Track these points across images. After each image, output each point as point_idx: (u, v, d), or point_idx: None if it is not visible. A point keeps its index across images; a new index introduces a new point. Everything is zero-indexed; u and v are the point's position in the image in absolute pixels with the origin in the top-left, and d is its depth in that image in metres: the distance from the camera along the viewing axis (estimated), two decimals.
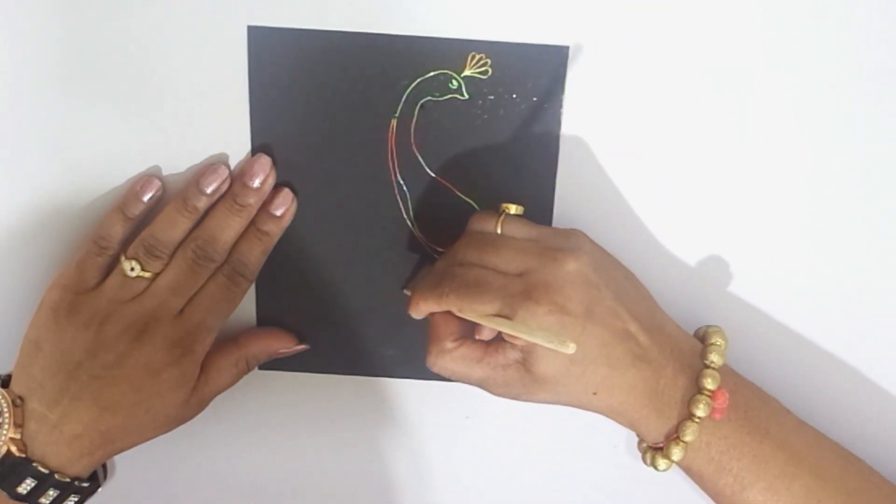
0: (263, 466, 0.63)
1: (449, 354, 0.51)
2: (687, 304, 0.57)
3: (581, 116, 0.54)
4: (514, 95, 0.54)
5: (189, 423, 0.56)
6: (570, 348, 0.45)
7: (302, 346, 0.58)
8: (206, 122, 0.54)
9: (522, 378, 0.50)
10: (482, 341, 0.51)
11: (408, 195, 0.56)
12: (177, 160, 0.55)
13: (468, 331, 0.52)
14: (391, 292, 0.58)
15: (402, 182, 0.56)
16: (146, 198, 0.54)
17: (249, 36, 0.53)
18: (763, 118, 0.53)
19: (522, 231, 0.51)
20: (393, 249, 0.57)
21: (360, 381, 0.60)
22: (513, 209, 0.52)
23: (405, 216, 0.56)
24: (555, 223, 0.56)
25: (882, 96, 0.53)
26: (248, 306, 0.58)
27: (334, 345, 0.59)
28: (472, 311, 0.49)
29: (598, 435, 0.61)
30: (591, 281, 0.49)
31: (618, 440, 0.61)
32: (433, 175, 0.55)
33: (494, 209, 0.53)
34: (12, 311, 0.57)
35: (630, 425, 0.52)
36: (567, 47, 0.53)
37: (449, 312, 0.50)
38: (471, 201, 0.56)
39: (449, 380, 0.52)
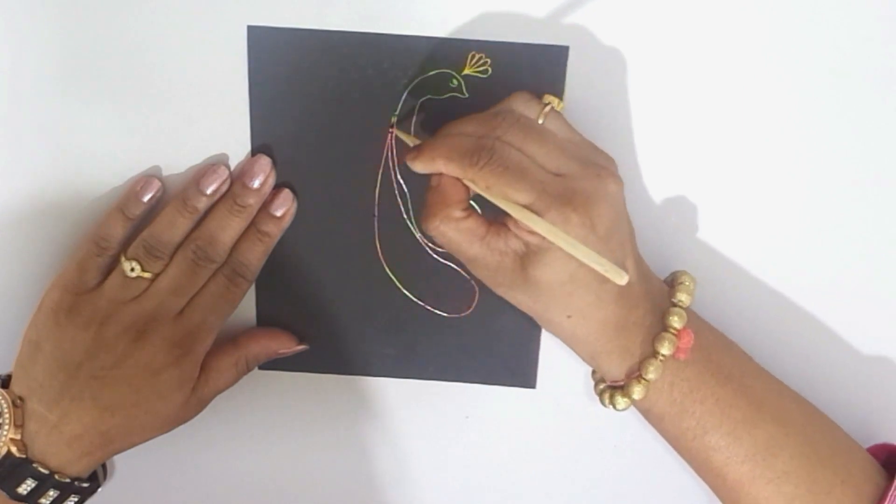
0: (263, 466, 0.63)
1: (455, 223, 0.48)
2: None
3: (581, 116, 0.53)
4: None
5: (189, 423, 0.56)
6: (624, 279, 0.44)
7: (302, 346, 0.58)
8: (206, 122, 0.54)
9: (514, 270, 0.48)
10: (487, 219, 0.49)
11: (408, 195, 0.56)
12: (177, 160, 0.55)
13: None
14: (391, 292, 0.58)
15: (402, 182, 0.56)
16: (146, 198, 0.54)
17: (249, 36, 0.53)
18: (763, 118, 0.53)
19: (564, 131, 0.49)
20: (393, 249, 0.57)
21: (359, 381, 0.60)
22: (557, 104, 0.49)
23: (405, 216, 0.56)
24: None
25: (880, 91, 0.53)
26: (248, 306, 0.58)
27: (334, 345, 0.59)
28: (503, 195, 0.46)
29: (598, 436, 0.61)
30: (620, 209, 0.48)
31: (618, 441, 0.61)
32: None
33: (538, 95, 0.50)
34: (12, 311, 0.57)
35: (591, 358, 0.51)
36: (567, 47, 0.52)
37: (457, 179, 0.48)
38: (471, 201, 0.55)
39: (438, 245, 0.50)
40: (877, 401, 0.59)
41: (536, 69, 0.53)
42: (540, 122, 0.49)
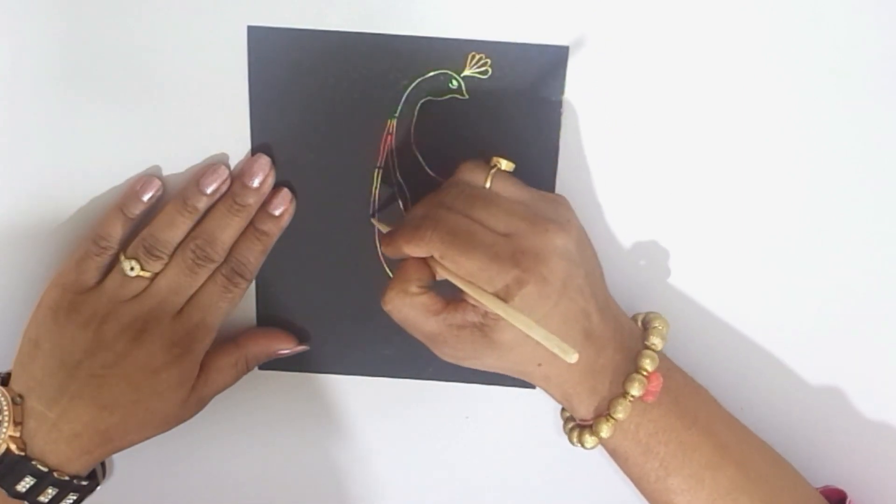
0: (263, 466, 0.63)
1: (409, 298, 0.49)
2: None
3: (581, 116, 0.54)
4: (514, 95, 0.53)
5: (189, 422, 0.56)
6: (573, 357, 0.45)
7: (302, 347, 0.58)
8: (206, 122, 0.54)
9: (475, 341, 0.49)
10: (444, 297, 0.50)
11: (407, 195, 0.56)
12: (177, 160, 0.55)
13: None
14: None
15: (402, 182, 0.56)
16: (146, 198, 0.54)
17: (249, 36, 0.53)
18: (762, 118, 0.53)
19: (512, 190, 0.50)
20: None
21: (360, 381, 0.60)
22: (504, 164, 0.51)
23: (405, 216, 0.56)
24: None
25: (875, 98, 0.53)
26: (248, 306, 0.58)
27: (334, 345, 0.59)
28: (453, 262, 0.47)
29: None
30: (573, 258, 0.49)
31: None
32: (433, 175, 0.55)
33: (486, 160, 0.51)
34: (12, 309, 0.57)
35: (562, 398, 0.52)
36: (567, 47, 0.53)
37: (422, 260, 0.49)
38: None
39: (400, 326, 0.51)
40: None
41: (536, 69, 0.53)
42: (487, 185, 0.50)
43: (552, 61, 0.53)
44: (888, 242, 0.55)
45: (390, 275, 0.57)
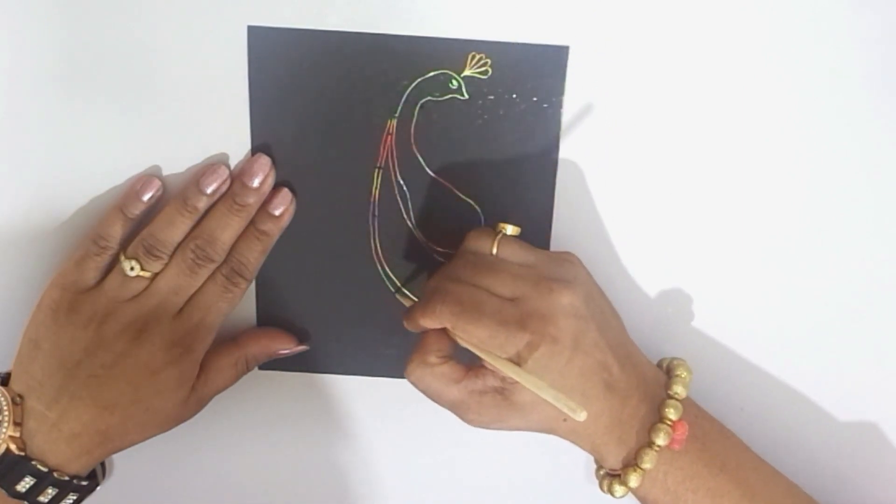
0: (263, 466, 0.63)
1: (430, 369, 0.51)
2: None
3: (581, 116, 0.54)
4: (514, 95, 0.53)
5: (189, 422, 0.56)
6: (581, 415, 0.46)
7: (302, 347, 0.58)
8: (206, 122, 0.54)
9: (498, 405, 0.51)
10: (464, 364, 0.52)
11: (408, 195, 0.56)
12: (177, 160, 0.55)
13: (457, 354, 0.52)
14: (391, 292, 0.58)
15: (402, 182, 0.56)
16: (146, 197, 0.54)
17: (249, 36, 0.53)
18: (762, 119, 0.53)
19: (518, 254, 0.52)
20: (393, 249, 0.57)
21: (360, 381, 0.60)
22: (509, 230, 0.52)
23: (405, 216, 0.56)
24: (554, 224, 0.56)
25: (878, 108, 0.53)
26: (248, 306, 0.58)
27: (334, 345, 0.59)
28: (464, 331, 0.49)
29: None
30: (581, 314, 0.50)
31: None
32: (433, 175, 0.55)
33: (492, 227, 0.53)
34: (12, 310, 0.57)
35: (591, 450, 0.53)
36: (567, 47, 0.53)
37: (443, 330, 0.51)
38: (471, 201, 0.56)
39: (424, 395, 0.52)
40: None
41: (536, 69, 0.53)
42: (494, 251, 0.51)
43: (552, 61, 0.53)
44: None
45: (390, 275, 0.57)
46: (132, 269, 0.53)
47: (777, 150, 0.54)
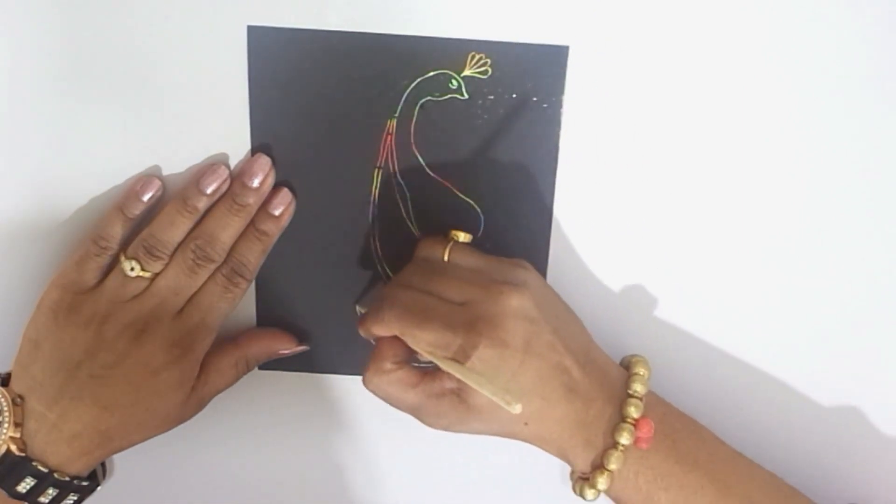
0: (263, 466, 0.63)
1: (386, 375, 0.51)
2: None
3: (581, 116, 0.54)
4: (514, 95, 0.53)
5: (189, 423, 0.56)
6: (516, 408, 0.46)
7: (302, 347, 0.58)
8: (206, 122, 0.54)
9: (456, 408, 0.51)
10: (420, 368, 0.52)
11: (408, 195, 0.56)
12: (177, 160, 0.55)
13: (412, 359, 0.52)
14: None
15: (401, 182, 0.56)
16: (146, 198, 0.54)
17: (249, 36, 0.53)
18: (762, 118, 0.53)
19: (469, 260, 0.52)
20: (393, 249, 0.57)
21: (360, 381, 0.58)
22: (461, 237, 0.53)
23: (405, 216, 0.56)
24: (554, 222, 0.56)
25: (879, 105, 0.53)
26: (248, 306, 0.58)
27: (334, 345, 0.59)
28: (412, 336, 0.49)
29: None
30: (531, 316, 0.50)
31: None
32: (433, 175, 0.55)
33: (444, 235, 0.53)
34: (12, 310, 0.57)
35: (559, 454, 0.53)
36: (567, 47, 0.53)
37: (395, 337, 0.51)
38: (470, 201, 0.56)
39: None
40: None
41: (536, 69, 0.53)
42: (446, 258, 0.52)
43: (552, 61, 0.53)
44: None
45: (390, 275, 0.57)
46: (132, 269, 0.53)
47: (776, 149, 0.54)
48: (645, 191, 0.55)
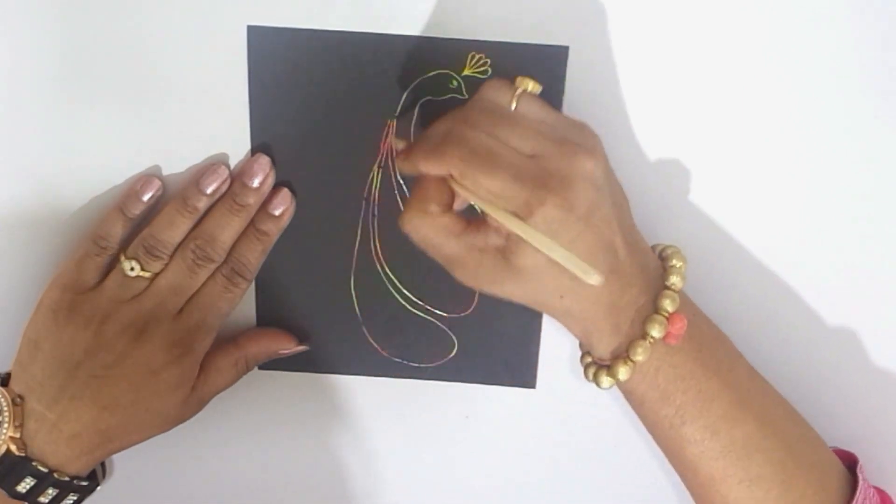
0: (263, 466, 0.63)
1: (430, 218, 0.47)
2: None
3: (581, 116, 0.52)
4: None
5: (189, 422, 0.56)
6: (595, 279, 0.43)
7: (302, 347, 0.58)
8: (206, 122, 0.54)
9: (497, 265, 0.47)
10: (465, 217, 0.48)
11: (407, 195, 0.56)
12: (177, 160, 0.55)
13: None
14: (391, 292, 0.58)
15: (401, 182, 0.56)
16: (146, 197, 0.54)
17: (249, 36, 0.52)
18: (762, 117, 0.53)
19: (538, 112, 0.47)
20: (393, 249, 0.57)
21: (360, 381, 0.60)
22: (531, 86, 0.48)
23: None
24: None
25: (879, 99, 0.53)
26: (247, 306, 0.58)
27: (334, 345, 0.59)
28: (473, 180, 0.45)
29: (597, 436, 0.61)
30: (599, 185, 0.46)
31: (617, 441, 0.61)
32: None
33: (510, 80, 0.48)
34: (12, 310, 0.57)
35: (581, 335, 0.50)
36: (567, 47, 0.52)
37: (441, 179, 0.46)
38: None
39: (418, 245, 0.49)
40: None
41: (536, 69, 0.53)
42: (513, 106, 0.47)
43: (552, 61, 0.53)
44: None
45: (390, 275, 0.57)
46: (132, 269, 0.53)
47: (776, 148, 0.54)
48: (644, 190, 0.55)
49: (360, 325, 0.59)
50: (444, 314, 0.58)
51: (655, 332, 0.48)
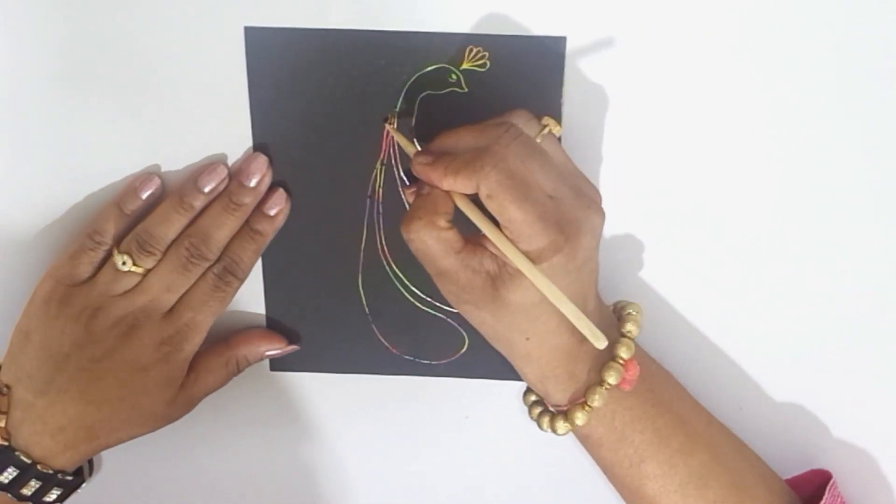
0: (261, 466, 0.63)
1: (436, 231, 0.47)
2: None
3: (580, 106, 0.53)
4: (514, 87, 0.53)
5: (186, 421, 0.56)
6: (602, 343, 0.45)
7: (292, 347, 0.58)
8: (206, 122, 0.54)
9: (484, 290, 0.48)
10: (464, 236, 0.48)
11: None
12: (176, 160, 0.55)
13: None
14: (395, 291, 0.57)
15: (404, 178, 0.55)
16: (144, 195, 0.54)
17: (247, 36, 0.53)
18: (762, 113, 0.52)
19: (560, 155, 0.49)
20: (396, 247, 0.56)
21: (359, 380, 0.60)
22: (557, 130, 0.50)
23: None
24: None
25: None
26: (257, 307, 0.58)
27: (336, 344, 0.59)
28: (501, 208, 0.45)
29: None
30: (597, 240, 0.49)
31: None
32: None
33: (537, 117, 0.50)
34: (10, 306, 0.57)
35: (537, 380, 0.51)
36: (564, 38, 0.52)
37: (446, 192, 0.47)
38: None
39: (413, 253, 0.49)
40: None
41: (535, 61, 0.52)
42: (538, 141, 0.48)
43: (550, 52, 0.52)
44: (875, 243, 0.55)
45: (396, 273, 0.57)
46: (124, 263, 0.53)
47: (775, 143, 0.53)
48: (644, 183, 0.54)
49: (370, 324, 0.58)
50: (454, 310, 0.56)
51: (611, 378, 0.50)
